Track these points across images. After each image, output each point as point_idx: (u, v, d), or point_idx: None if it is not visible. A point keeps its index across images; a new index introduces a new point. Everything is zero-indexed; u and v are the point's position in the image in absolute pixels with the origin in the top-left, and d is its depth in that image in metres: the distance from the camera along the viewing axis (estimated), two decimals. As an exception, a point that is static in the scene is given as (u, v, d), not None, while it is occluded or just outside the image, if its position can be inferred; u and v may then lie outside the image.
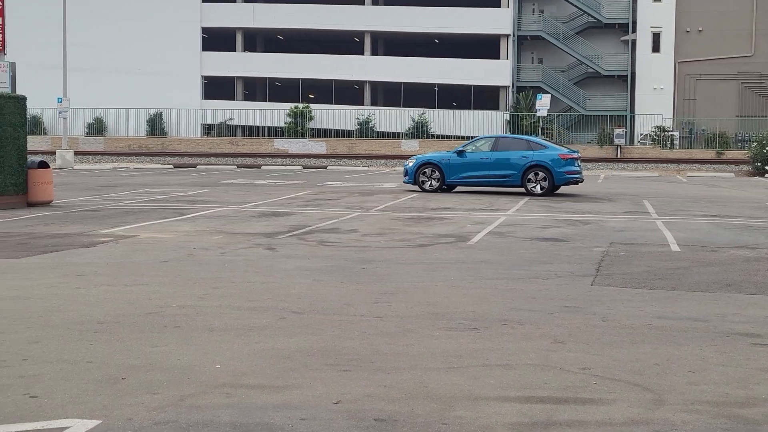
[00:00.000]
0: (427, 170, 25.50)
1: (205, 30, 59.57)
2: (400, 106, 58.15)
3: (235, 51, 60.10)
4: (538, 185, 24.47)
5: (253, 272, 11.12)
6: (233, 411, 5.60)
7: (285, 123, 56.79)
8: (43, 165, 21.38)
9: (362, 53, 59.25)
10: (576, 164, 24.96)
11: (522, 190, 24.83)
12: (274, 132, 57.59)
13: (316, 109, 57.33)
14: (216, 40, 60.11)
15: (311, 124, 56.75)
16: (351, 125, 56.27)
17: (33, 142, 48.34)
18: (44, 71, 53.46)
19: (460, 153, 25.38)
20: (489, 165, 24.88)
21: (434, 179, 25.41)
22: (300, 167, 44.13)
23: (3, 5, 23.34)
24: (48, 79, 52.55)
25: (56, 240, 14.32)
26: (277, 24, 59.04)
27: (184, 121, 58.07)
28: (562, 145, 26.85)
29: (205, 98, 59.65)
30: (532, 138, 26.66)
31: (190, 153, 51.03)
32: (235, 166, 44.09)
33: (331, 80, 58.91)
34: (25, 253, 12.83)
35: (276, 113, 57.19)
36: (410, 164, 26.06)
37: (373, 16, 58.38)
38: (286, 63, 59.06)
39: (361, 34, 59.02)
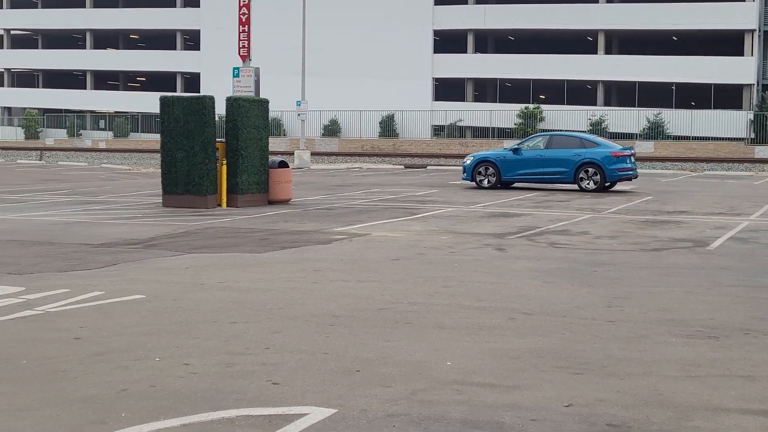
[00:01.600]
0: (483, 168, 26.61)
1: (436, 32, 60.45)
2: (634, 106, 56.49)
3: (465, 52, 60.59)
4: (591, 181, 25.30)
5: (483, 272, 11.16)
6: (463, 408, 5.64)
7: (515, 124, 56.62)
8: (283, 165, 22.43)
9: (595, 52, 58.08)
10: (628, 161, 25.63)
11: (575, 186, 25.73)
12: (504, 133, 57.53)
13: (547, 109, 56.77)
14: (447, 41, 60.85)
15: (541, 125, 56.24)
16: (583, 126, 55.21)
17: (272, 143, 50.73)
18: (284, 75, 55.94)
19: (516, 151, 26.46)
20: (543, 162, 25.81)
21: (490, 176, 26.51)
22: (529, 168, 43.69)
23: (248, 14, 24.69)
24: (287, 82, 54.99)
25: (294, 236, 14.99)
26: (509, 24, 58.99)
27: (415, 122, 59.20)
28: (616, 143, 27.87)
29: (435, 100, 60.54)
30: (586, 135, 27.58)
31: (420, 154, 51.87)
32: (465, 167, 44.36)
33: (563, 80, 58.15)
34: (267, 248, 13.52)
35: (505, 114, 57.11)
36: (468, 162, 27.14)
37: (607, 15, 57.08)
38: (516, 63, 58.91)
39: (594, 33, 57.86)
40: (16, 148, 61.95)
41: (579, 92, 58.56)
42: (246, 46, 24.15)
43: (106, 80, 76.70)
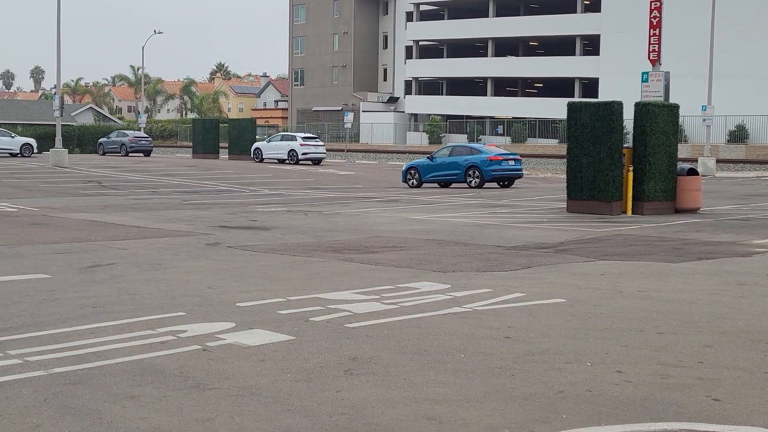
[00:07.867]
0: (412, 172, 33.70)
1: None
2: None
3: None
4: (474, 180, 32.09)
5: None
6: None
7: None
8: (693, 172, 21.60)
9: None
10: (504, 164, 32.35)
11: (465, 184, 32.34)
12: None
13: None
14: None
15: None
16: None
17: (674, 150, 49.04)
18: (684, 78, 53.55)
19: (431, 158, 33.51)
20: (446, 166, 32.88)
21: (415, 179, 33.39)
22: None
23: (660, 17, 24.10)
24: (688, 85, 52.65)
25: (709, 247, 14.36)
26: None
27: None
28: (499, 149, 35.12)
29: None
30: (474, 145, 35.85)
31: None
32: None
33: None
34: (681, 258, 13.08)
35: None
36: (403, 168, 34.74)
37: None
38: None
39: None
40: (421, 152, 65.77)
41: None
42: (656, 50, 23.61)
43: (504, 87, 78.98)
